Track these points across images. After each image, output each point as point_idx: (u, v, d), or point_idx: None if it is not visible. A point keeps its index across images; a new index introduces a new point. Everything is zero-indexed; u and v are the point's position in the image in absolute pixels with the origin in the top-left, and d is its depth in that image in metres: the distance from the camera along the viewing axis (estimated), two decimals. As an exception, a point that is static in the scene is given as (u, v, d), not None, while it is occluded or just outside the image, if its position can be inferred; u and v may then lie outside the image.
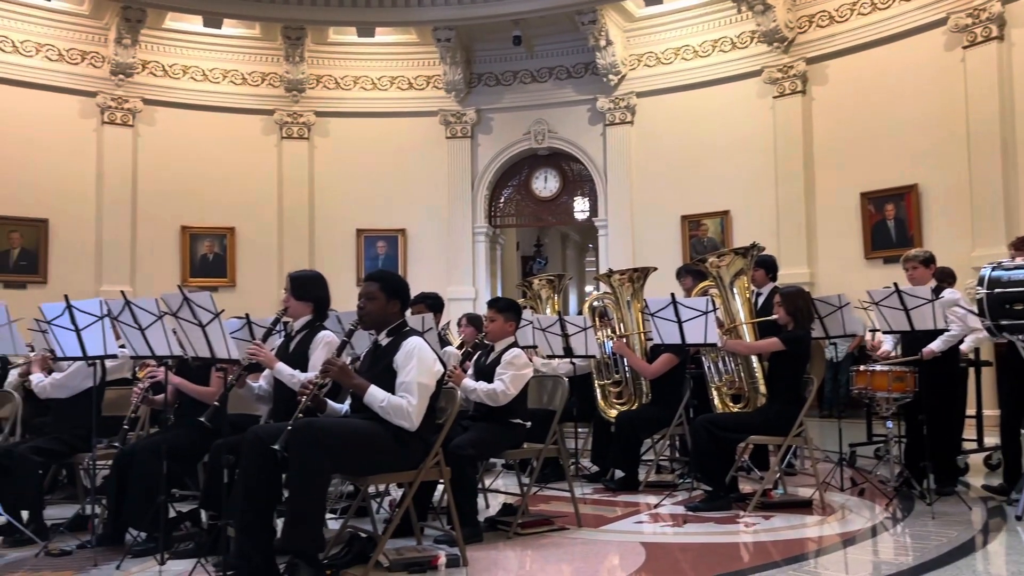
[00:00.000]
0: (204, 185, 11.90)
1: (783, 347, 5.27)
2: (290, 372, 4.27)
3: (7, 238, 10.94)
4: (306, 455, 3.59)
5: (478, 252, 12.54)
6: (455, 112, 12.40)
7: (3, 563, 4.25)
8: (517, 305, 5.16)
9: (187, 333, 3.89)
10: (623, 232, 11.81)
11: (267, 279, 11.99)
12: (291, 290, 4.54)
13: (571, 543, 4.54)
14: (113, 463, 4.60)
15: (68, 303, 4.26)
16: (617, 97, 11.81)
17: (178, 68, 11.99)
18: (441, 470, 4.08)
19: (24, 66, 11.00)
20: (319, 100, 12.45)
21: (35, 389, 5.07)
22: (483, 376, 4.89)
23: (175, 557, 4.11)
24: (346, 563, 3.97)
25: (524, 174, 12.81)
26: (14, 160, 10.82)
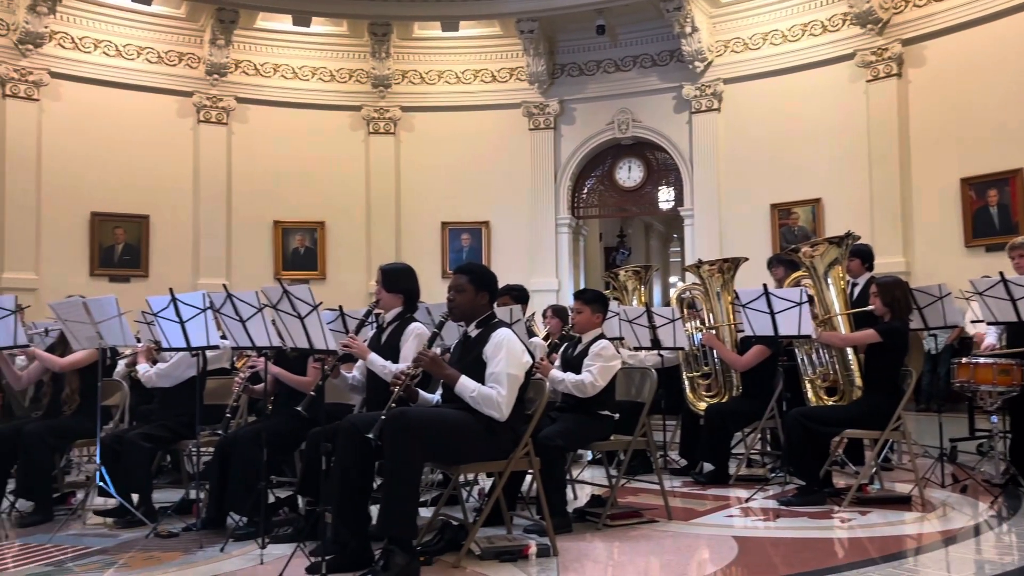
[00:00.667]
0: (295, 180, 12.21)
1: (880, 339, 5.12)
2: (382, 363, 4.36)
3: (111, 234, 11.45)
4: (400, 444, 3.67)
5: (561, 243, 12.53)
6: (538, 103, 12.40)
7: (117, 543, 4.48)
8: (604, 296, 5.15)
9: (286, 324, 4.01)
10: (710, 222, 11.63)
11: (356, 272, 12.25)
12: (382, 282, 4.63)
13: (661, 535, 4.52)
14: (215, 450, 4.78)
15: (173, 296, 4.44)
16: (703, 84, 11.62)
17: (269, 67, 12.32)
18: (531, 460, 4.11)
19: (126, 69, 11.48)
20: (405, 95, 12.62)
21: (141, 378, 5.31)
22: (570, 368, 4.90)
23: (275, 541, 4.25)
24: (439, 550, 4.04)
25: (607, 164, 12.73)
26: (117, 160, 11.31)
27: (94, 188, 11.21)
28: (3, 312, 4.81)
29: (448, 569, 3.83)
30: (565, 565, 3.91)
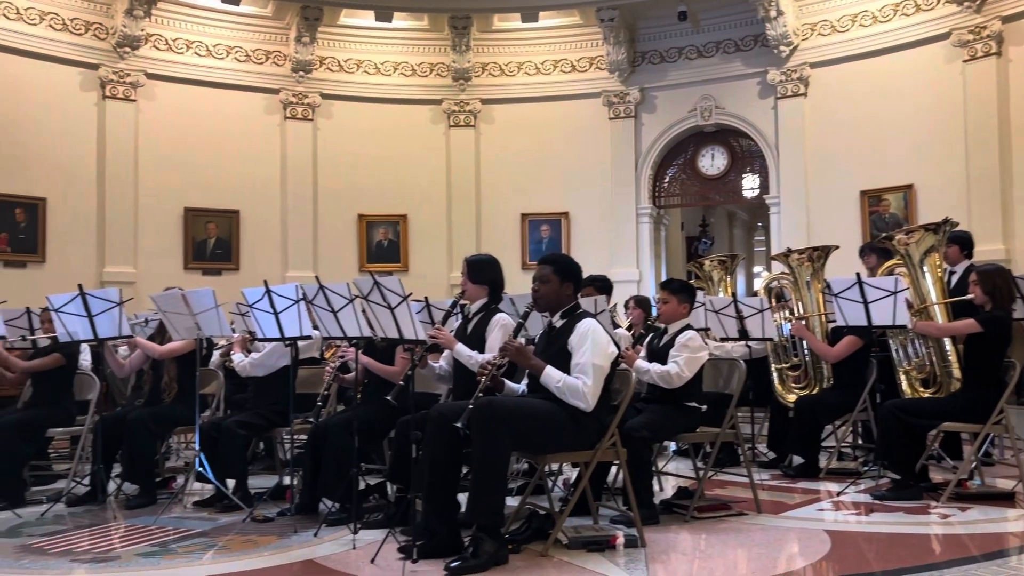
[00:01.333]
0: (378, 174, 12.40)
1: (980, 329, 4.93)
2: (468, 353, 4.42)
3: (204, 229, 11.84)
4: (488, 432, 3.71)
5: (642, 233, 12.40)
6: (618, 92, 12.29)
7: (216, 526, 4.66)
8: (691, 286, 5.09)
9: (377, 315, 4.09)
10: (796, 209, 11.35)
11: (438, 263, 12.38)
12: (468, 273, 4.69)
13: (750, 528, 4.46)
14: (308, 438, 4.92)
15: (267, 288, 4.58)
16: (789, 69, 11.33)
17: (352, 63, 12.53)
18: (618, 451, 4.10)
19: (216, 68, 11.83)
20: (485, 88, 12.67)
21: (236, 368, 5.49)
22: (656, 358, 4.86)
23: (366, 527, 4.35)
24: (526, 539, 4.07)
25: (690, 152, 12.54)
26: (209, 157, 11.67)
27: (187, 184, 11.60)
28: (108, 304, 5.03)
29: (536, 557, 3.86)
30: (653, 556, 3.89)
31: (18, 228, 10.51)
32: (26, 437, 5.41)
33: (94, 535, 4.54)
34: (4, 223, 10.40)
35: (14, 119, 10.39)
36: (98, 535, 4.55)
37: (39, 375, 5.72)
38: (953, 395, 5.13)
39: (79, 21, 10.93)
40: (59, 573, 3.85)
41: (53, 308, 5.18)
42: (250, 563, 3.94)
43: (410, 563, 3.66)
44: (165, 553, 4.13)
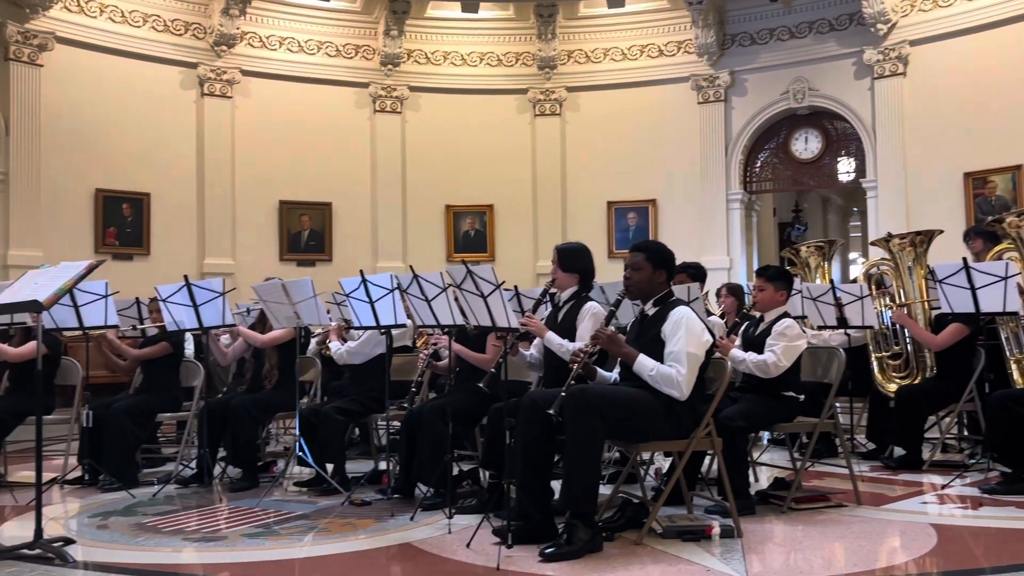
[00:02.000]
0: (465, 165, 12.50)
1: (1100, 316, 4.68)
2: (559, 341, 4.43)
3: (298, 221, 12.17)
4: (581, 420, 3.72)
5: (732, 220, 12.17)
6: (707, 76, 12.07)
7: (315, 509, 4.80)
8: (788, 273, 4.98)
9: (470, 303, 4.14)
10: (895, 193, 10.94)
11: (523, 253, 12.43)
12: (558, 262, 4.69)
13: (850, 520, 4.35)
14: (403, 424, 5.02)
15: (363, 278, 4.68)
16: (887, 48, 10.92)
17: (439, 54, 12.66)
18: (713, 441, 4.05)
19: (308, 63, 12.13)
20: (571, 75, 12.63)
21: (334, 356, 5.64)
22: (752, 347, 4.77)
23: (460, 512, 4.42)
24: (619, 527, 4.07)
25: (782, 136, 12.23)
26: (302, 151, 11.97)
27: (281, 178, 11.94)
28: (213, 294, 5.23)
29: (630, 546, 3.85)
30: (750, 547, 3.84)
31: (125, 223, 11.02)
32: (138, 422, 5.68)
33: (202, 515, 4.74)
34: (113, 218, 10.92)
35: (121, 119, 10.88)
36: (205, 516, 4.74)
37: (149, 363, 5.98)
38: (1070, 385, 4.90)
39: (179, 22, 11.36)
40: (172, 551, 4.04)
41: (161, 298, 5.41)
42: (350, 545, 4.06)
43: (505, 548, 3.70)
44: (269, 534, 4.28)
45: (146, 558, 3.89)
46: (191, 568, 3.76)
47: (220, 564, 3.77)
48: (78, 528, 4.42)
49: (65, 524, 4.54)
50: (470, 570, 3.58)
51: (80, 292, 5.12)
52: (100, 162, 10.72)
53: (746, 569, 3.51)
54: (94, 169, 10.68)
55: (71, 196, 10.55)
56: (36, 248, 9.75)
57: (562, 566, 3.54)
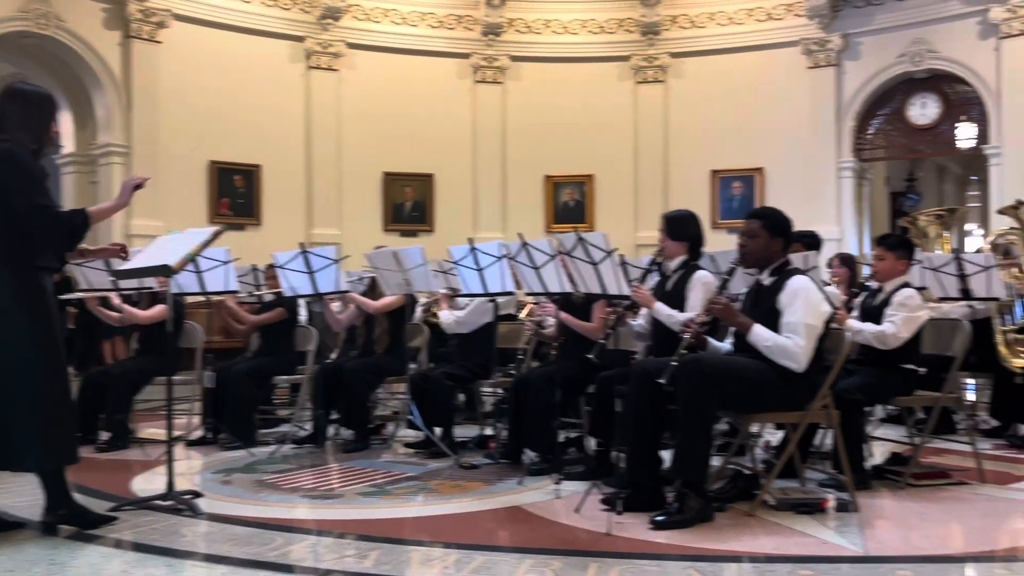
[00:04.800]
0: (565, 135, 12.42)
1: None
2: (668, 311, 4.37)
3: (401, 192, 12.38)
4: (694, 389, 3.68)
5: (843, 189, 11.75)
6: (818, 40, 11.63)
7: (425, 471, 4.92)
8: (909, 242, 4.79)
9: (580, 271, 4.14)
10: (1022, 160, 10.35)
11: (624, 224, 12.29)
12: (666, 230, 4.62)
13: (972, 498, 4.19)
14: (511, 390, 5.07)
15: (472, 246, 4.73)
16: (1015, 5, 10.27)
17: (540, 23, 12.58)
18: (830, 413, 3.95)
19: (411, 35, 12.25)
20: (675, 41, 12.37)
21: (443, 325, 5.75)
22: (870, 318, 4.62)
23: (568, 479, 4.45)
24: (731, 498, 4.02)
25: (897, 101, 11.69)
26: (405, 122, 12.12)
27: (385, 150, 12.14)
28: (327, 261, 5.38)
29: (742, 517, 3.81)
30: (867, 521, 3.74)
31: (237, 193, 11.43)
32: (256, 383, 5.92)
33: (317, 474, 4.92)
34: (226, 189, 11.34)
35: (233, 92, 11.24)
36: (320, 474, 4.92)
37: (266, 327, 6.21)
38: None
39: (287, -4, 11.63)
40: (291, 507, 4.21)
41: (278, 265, 5.60)
42: (460, 506, 4.15)
43: (615, 514, 3.71)
44: (382, 494, 4.41)
45: (268, 512, 4.06)
46: (311, 524, 3.91)
47: (337, 520, 3.91)
48: (203, 483, 4.64)
49: (191, 479, 4.78)
50: (580, 534, 3.61)
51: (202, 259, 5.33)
52: (214, 134, 11.12)
53: (864, 543, 3.43)
54: (208, 141, 11.08)
55: (187, 168, 10.99)
56: (157, 218, 10.21)
57: (673, 534, 3.53)
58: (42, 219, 3.51)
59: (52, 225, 3.54)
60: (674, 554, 3.30)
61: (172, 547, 3.44)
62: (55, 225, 3.56)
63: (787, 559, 3.24)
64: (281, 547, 3.45)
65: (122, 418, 5.64)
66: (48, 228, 3.54)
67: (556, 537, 3.61)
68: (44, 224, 3.53)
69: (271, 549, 3.40)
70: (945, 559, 3.30)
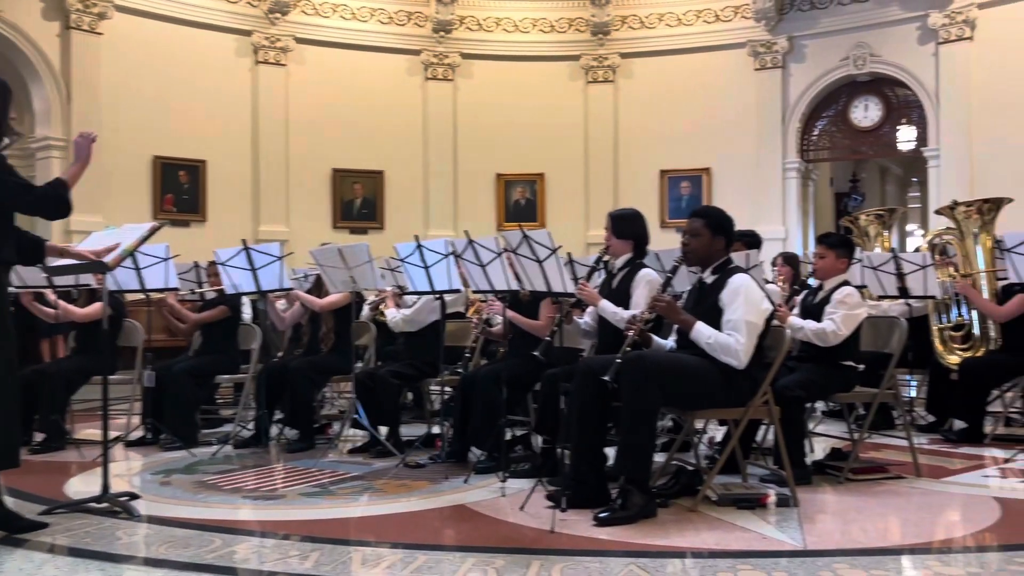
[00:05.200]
0: (516, 133, 12.45)
1: None
2: (613, 309, 4.40)
3: (351, 189, 12.27)
4: (637, 387, 3.70)
5: (788, 189, 11.97)
6: (765, 42, 11.82)
7: (371, 471, 4.87)
8: (850, 240, 4.87)
9: (525, 269, 4.13)
10: (958, 162, 10.64)
11: (575, 222, 12.38)
12: (612, 228, 4.65)
13: (909, 492, 4.28)
14: (457, 388, 5.05)
15: (419, 243, 4.70)
16: (953, 11, 10.56)
17: (491, 21, 12.57)
18: (770, 409, 4.01)
19: (360, 31, 12.16)
20: (624, 41, 12.47)
21: (390, 323, 5.69)
22: (810, 315, 4.69)
23: (514, 476, 4.44)
24: (674, 493, 4.05)
25: (841, 103, 11.94)
26: (354, 119, 12.04)
27: (334, 146, 12.03)
28: (270, 258, 5.30)
29: (684, 513, 3.84)
30: (806, 516, 3.80)
31: (182, 189, 11.22)
32: (198, 383, 5.81)
33: (260, 475, 4.84)
34: (170, 185, 11.13)
35: (178, 86, 11.03)
36: (263, 475, 4.84)
37: (208, 326, 6.10)
38: None
39: (233, -11, 11.45)
40: (233, 508, 4.13)
41: (220, 262, 5.50)
42: (405, 506, 4.11)
43: (559, 512, 3.71)
44: (326, 494, 4.35)
45: (208, 514, 3.98)
46: (251, 525, 3.84)
47: (279, 521, 3.85)
48: (141, 484, 4.54)
49: (129, 480, 4.67)
50: (524, 532, 3.60)
51: (141, 255, 5.22)
52: (158, 129, 10.90)
53: (803, 538, 3.48)
54: (152, 136, 10.85)
55: (130, 163, 10.75)
56: (98, 214, 9.97)
57: (616, 530, 3.55)
58: (30, 197, 3.53)
59: (42, 202, 3.59)
60: (616, 550, 3.31)
61: (107, 551, 3.35)
62: (45, 201, 3.60)
63: (728, 554, 3.27)
64: (220, 549, 3.38)
65: (57, 419, 5.49)
66: (38, 205, 3.60)
67: (500, 535, 3.59)
68: (33, 203, 3.57)
69: (210, 551, 3.34)
70: (881, 552, 3.36)
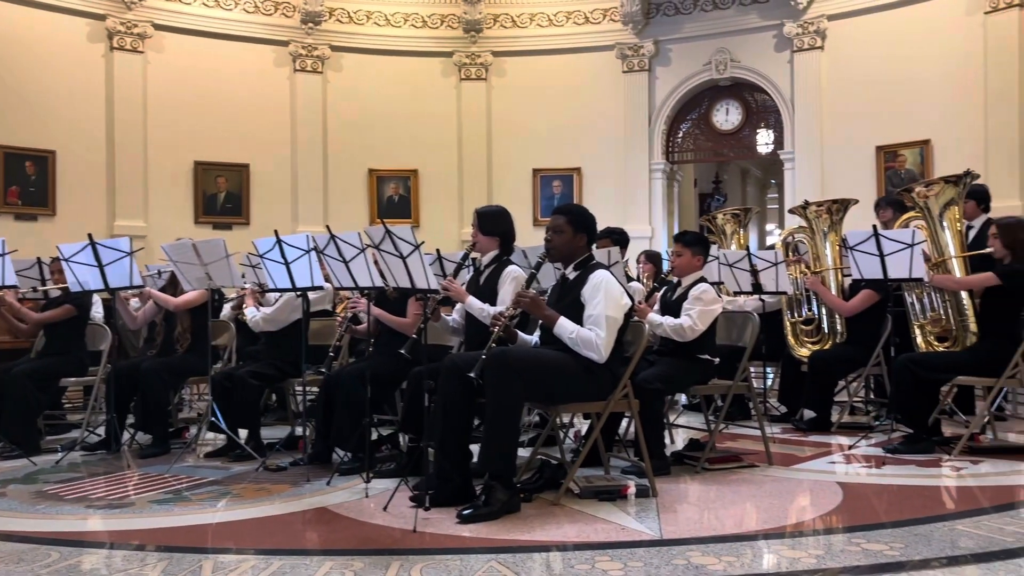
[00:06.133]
0: (388, 129, 12.27)
1: (999, 282, 4.88)
2: (480, 305, 4.40)
3: (214, 183, 11.80)
4: (501, 382, 3.71)
5: (655, 189, 12.30)
6: (632, 45, 12.10)
7: (229, 475, 4.69)
8: (705, 239, 5.04)
9: (389, 265, 4.07)
10: (811, 165, 11.21)
11: (449, 219, 12.33)
12: (479, 225, 4.65)
13: (761, 480, 4.46)
14: (321, 388, 4.93)
15: (278, 238, 4.55)
16: (806, 21, 11.12)
17: (362, 14, 12.35)
18: (630, 402, 4.09)
19: (224, 19, 11.67)
20: (496, 40, 12.49)
21: (249, 323, 5.48)
22: (669, 311, 4.83)
23: (379, 476, 4.37)
24: (537, 488, 4.09)
25: (704, 107, 12.38)
26: (218, 110, 11.56)
27: (196, 138, 11.53)
28: (119, 254, 5.01)
29: (548, 506, 3.88)
30: (664, 506, 3.90)
31: (28, 181, 10.49)
32: (40, 386, 5.45)
33: (109, 483, 4.58)
34: (15, 176, 10.39)
35: (22, 71, 10.31)
36: (112, 483, 4.59)
37: (51, 325, 5.73)
38: (969, 349, 5.10)
39: (86, -30, 10.80)
40: (75, 518, 3.89)
41: (64, 257, 5.17)
42: (263, 510, 3.97)
43: (422, 510, 3.68)
44: (179, 500, 4.16)
45: (47, 526, 3.74)
46: (96, 535, 3.62)
47: (127, 531, 3.64)
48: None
49: (-41, 493, 4.33)
50: (387, 533, 3.55)
51: (-26, 251, 4.85)
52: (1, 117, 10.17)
53: (660, 527, 3.57)
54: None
55: (-31, 152, 9.99)
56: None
57: (479, 527, 3.54)
58: None
59: None
60: (478, 547, 3.30)
61: (-74, 570, 3.09)
62: None
63: (588, 546, 3.32)
64: (57, 563, 3.17)
65: None
66: None
67: (361, 537, 3.52)
68: None
69: (44, 566, 3.12)
70: (735, 538, 3.48)
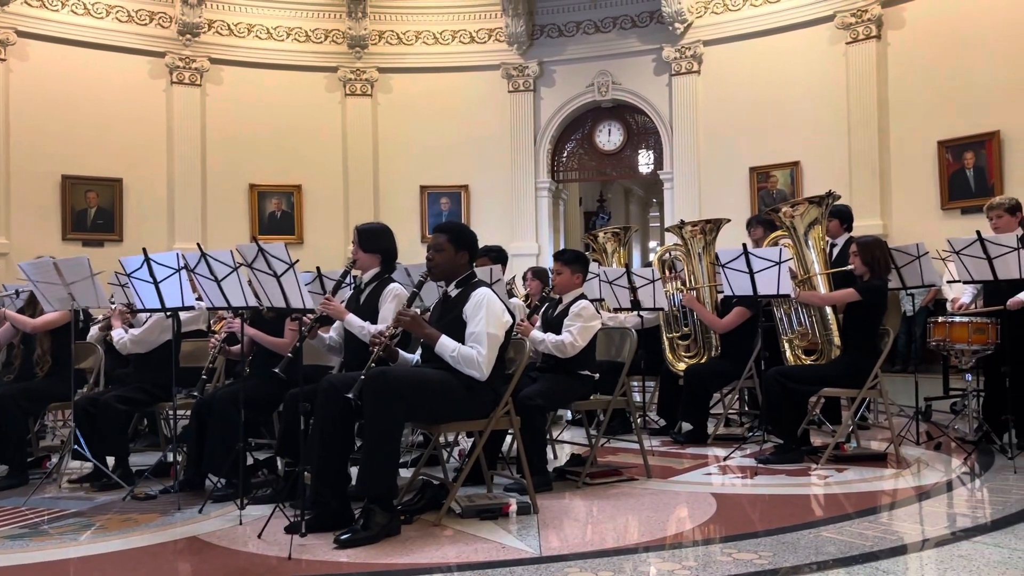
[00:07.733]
0: (271, 143, 12.05)
1: (859, 297, 5.14)
2: (360, 323, 4.33)
3: (84, 198, 11.26)
4: (380, 403, 3.65)
5: (541, 207, 12.48)
6: (517, 65, 12.27)
7: (93, 506, 4.44)
8: (584, 257, 5.12)
9: (263, 284, 3.95)
10: (689, 185, 11.61)
11: (334, 236, 12.16)
12: (359, 242, 4.57)
13: (640, 493, 4.54)
14: (193, 412, 4.73)
15: (146, 256, 4.35)
16: (683, 46, 11.54)
17: (243, 27, 12.09)
18: (511, 419, 4.10)
19: (95, 28, 11.21)
20: (382, 56, 12.44)
21: (116, 345, 5.21)
22: (551, 328, 4.89)
23: (254, 502, 4.22)
24: (419, 509, 4.04)
25: (587, 127, 12.65)
26: (88, 122, 11.09)
27: (64, 151, 11.00)
28: (-28, 273, 4.70)
29: (429, 528, 3.83)
30: (545, 522, 3.92)
31: None
32: None
33: (-43, 519, 4.26)
34: None
35: None
36: (-39, 519, 4.27)
37: None
38: (833, 362, 5.35)
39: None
40: (-84, 559, 3.59)
41: (-92, 278, 4.80)
42: (129, 542, 3.77)
43: (298, 537, 3.57)
44: (35, 535, 3.91)
45: None
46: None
47: (-27, 571, 3.39)
48: None
49: None
50: (261, 561, 3.43)
51: None
52: None
53: (540, 544, 3.58)
54: None
55: None
56: None
57: (357, 551, 3.47)
58: None
59: None
60: (355, 572, 3.23)
61: None
62: None
63: (468, 567, 3.29)
64: None
65: None
66: None
67: (233, 567, 3.39)
68: None
69: None
70: (614, 552, 3.52)
